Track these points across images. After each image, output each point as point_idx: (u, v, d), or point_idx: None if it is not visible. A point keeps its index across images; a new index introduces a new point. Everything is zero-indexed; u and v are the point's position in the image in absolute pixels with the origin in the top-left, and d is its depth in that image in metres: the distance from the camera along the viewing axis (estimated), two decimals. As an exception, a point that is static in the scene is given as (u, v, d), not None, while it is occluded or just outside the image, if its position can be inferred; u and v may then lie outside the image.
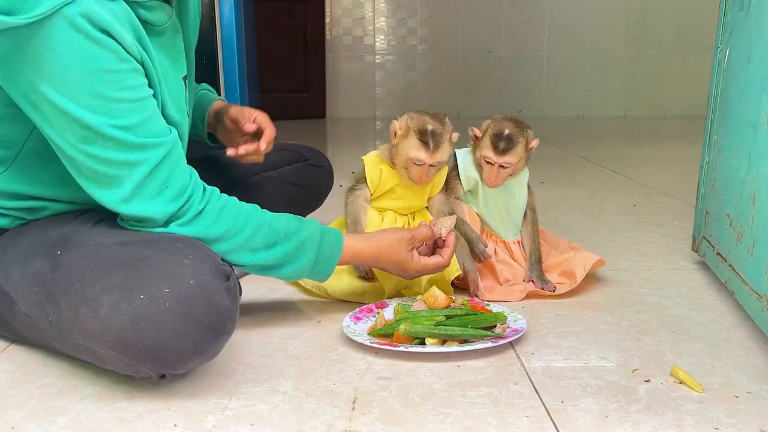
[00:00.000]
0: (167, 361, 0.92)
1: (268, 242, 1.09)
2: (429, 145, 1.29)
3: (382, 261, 1.22)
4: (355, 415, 0.92)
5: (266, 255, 1.09)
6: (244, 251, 1.08)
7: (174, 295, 0.90)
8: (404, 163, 1.32)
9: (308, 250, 1.12)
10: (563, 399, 0.97)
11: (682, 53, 4.78)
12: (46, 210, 1.10)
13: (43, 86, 0.92)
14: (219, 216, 1.06)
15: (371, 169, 1.37)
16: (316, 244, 1.13)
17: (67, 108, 0.93)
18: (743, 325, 1.23)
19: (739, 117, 1.30)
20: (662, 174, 2.73)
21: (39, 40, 0.90)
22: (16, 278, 1.03)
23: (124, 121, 0.96)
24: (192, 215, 1.04)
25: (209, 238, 1.05)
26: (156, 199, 1.01)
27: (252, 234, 1.08)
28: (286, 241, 1.10)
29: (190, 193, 1.04)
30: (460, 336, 1.12)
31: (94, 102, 0.94)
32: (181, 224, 1.04)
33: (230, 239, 1.07)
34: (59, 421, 0.91)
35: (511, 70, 4.81)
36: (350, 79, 4.79)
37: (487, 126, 1.40)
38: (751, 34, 1.26)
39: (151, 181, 1.00)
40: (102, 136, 0.95)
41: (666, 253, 1.67)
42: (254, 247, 1.08)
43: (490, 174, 1.39)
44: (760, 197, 1.15)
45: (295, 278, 1.16)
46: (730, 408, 0.95)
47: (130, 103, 0.97)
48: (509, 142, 1.36)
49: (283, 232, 1.11)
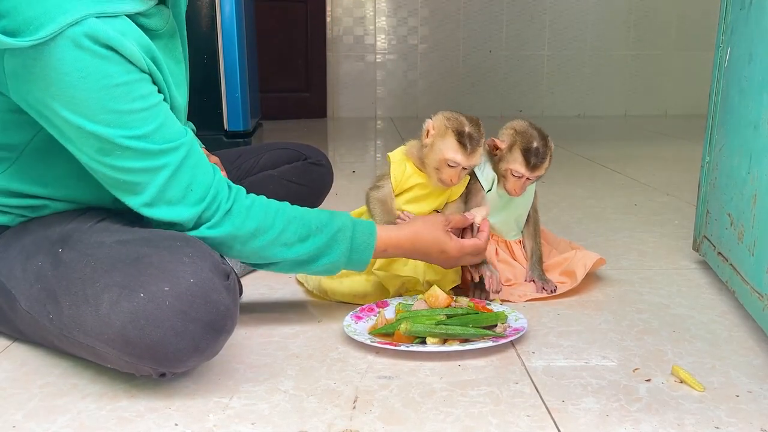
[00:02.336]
0: (167, 360, 0.92)
1: (300, 235, 1.10)
2: (467, 147, 1.26)
3: (419, 245, 1.20)
4: (356, 414, 0.92)
5: (300, 248, 1.10)
6: (278, 246, 1.09)
7: (174, 294, 0.90)
8: (437, 164, 1.29)
9: (342, 241, 1.13)
10: (564, 398, 0.97)
11: (683, 53, 4.78)
12: (47, 208, 1.11)
13: (54, 104, 0.93)
14: (248, 214, 1.07)
15: (397, 166, 1.35)
16: (348, 234, 1.13)
17: (80, 124, 0.94)
18: (744, 325, 1.23)
19: (740, 116, 1.30)
20: (663, 173, 2.73)
21: (45, 60, 0.90)
22: (17, 275, 1.03)
23: (140, 130, 0.97)
24: (221, 216, 1.05)
25: (242, 236, 1.06)
26: (181, 202, 1.02)
27: (283, 228, 1.09)
28: (318, 234, 1.11)
29: (214, 193, 1.05)
30: (461, 335, 1.12)
31: (108, 116, 0.94)
32: (211, 226, 1.05)
33: (262, 235, 1.07)
34: (60, 420, 0.91)
35: (512, 69, 4.80)
36: (351, 78, 4.79)
37: (513, 138, 1.36)
38: (752, 33, 1.26)
39: (174, 185, 1.01)
40: (119, 147, 0.96)
41: (667, 253, 1.67)
42: (287, 241, 1.09)
43: (516, 185, 1.37)
44: (761, 196, 1.15)
45: (332, 271, 1.16)
46: (730, 407, 0.95)
47: (143, 112, 0.97)
48: (541, 158, 1.35)
49: (315, 225, 1.11)
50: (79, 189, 1.10)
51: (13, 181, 1.07)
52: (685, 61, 4.76)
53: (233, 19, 2.95)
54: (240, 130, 3.09)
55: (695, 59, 4.70)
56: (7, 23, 0.89)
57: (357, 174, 2.52)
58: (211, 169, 1.06)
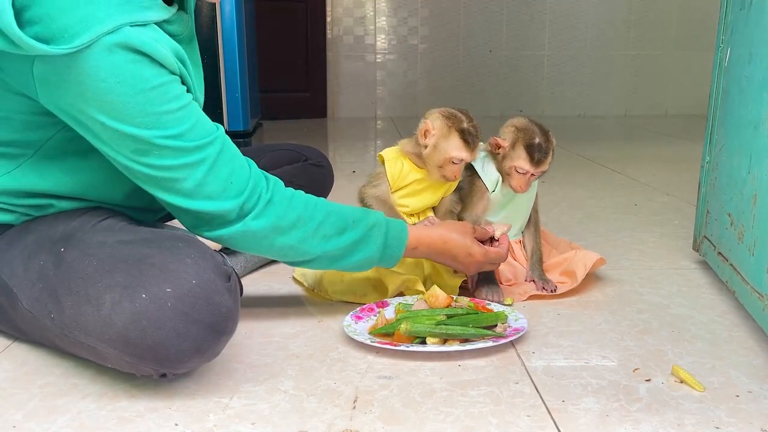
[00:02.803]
0: (168, 361, 0.92)
1: (338, 228, 1.12)
2: (470, 144, 1.31)
3: (450, 245, 1.23)
4: (356, 414, 0.92)
5: (338, 241, 1.12)
6: (317, 238, 1.10)
7: (176, 295, 0.90)
8: (441, 163, 1.32)
9: (377, 236, 1.15)
10: (564, 398, 0.97)
11: (683, 52, 4.78)
12: (53, 207, 1.11)
13: (90, 109, 0.94)
14: (290, 204, 1.09)
15: (392, 164, 1.36)
16: (383, 229, 1.16)
17: (118, 127, 0.95)
18: (744, 325, 1.23)
19: (740, 116, 1.30)
20: (663, 173, 2.73)
21: (80, 68, 0.90)
22: (19, 274, 1.03)
23: (175, 129, 0.98)
24: (263, 206, 1.06)
25: (284, 226, 1.08)
26: (222, 195, 1.03)
27: (323, 219, 1.10)
28: (354, 227, 1.13)
29: (253, 184, 1.06)
30: (461, 335, 1.12)
31: (145, 119, 0.95)
32: (255, 216, 1.06)
33: (303, 226, 1.09)
34: (60, 420, 0.91)
35: (512, 69, 4.80)
36: (351, 78, 4.79)
37: (515, 135, 1.37)
38: (752, 33, 1.26)
39: (213, 179, 1.02)
40: (156, 147, 0.97)
41: (667, 253, 1.67)
42: (326, 233, 1.10)
43: (520, 182, 1.38)
44: (761, 196, 1.15)
45: (366, 266, 1.18)
46: (731, 407, 0.95)
47: (177, 112, 0.98)
48: (545, 153, 1.36)
49: (351, 218, 1.13)
50: (90, 187, 1.10)
51: (23, 178, 1.07)
52: (686, 61, 4.76)
53: (233, 19, 2.95)
54: (240, 130, 3.09)
55: (695, 59, 4.70)
56: (40, 29, 0.89)
57: (357, 174, 2.52)
58: (246, 161, 1.08)
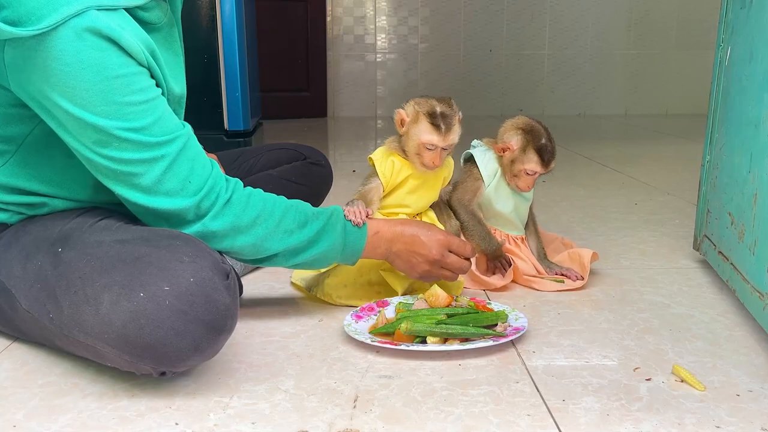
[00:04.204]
0: (167, 359, 0.92)
1: (299, 222, 1.12)
2: (440, 127, 1.28)
3: (410, 225, 1.21)
4: (357, 414, 0.92)
5: (300, 235, 1.12)
6: (279, 234, 1.10)
7: (174, 293, 0.90)
8: (416, 149, 1.30)
9: (337, 223, 1.15)
10: (564, 397, 0.97)
11: (683, 51, 4.77)
12: (47, 206, 1.11)
13: (53, 95, 0.94)
14: (248, 202, 1.08)
15: (382, 162, 1.35)
16: (341, 215, 1.16)
17: (79, 115, 0.94)
18: (745, 324, 1.23)
19: (740, 115, 1.30)
20: (663, 172, 2.73)
21: (46, 51, 0.91)
22: (17, 275, 1.03)
23: (137, 123, 0.97)
24: (221, 206, 1.06)
25: (243, 225, 1.07)
26: (179, 193, 1.03)
27: (283, 215, 1.11)
28: (315, 219, 1.13)
29: (212, 183, 1.06)
30: (462, 334, 1.12)
31: (107, 108, 0.95)
32: (213, 217, 1.06)
33: (264, 223, 1.09)
34: (61, 420, 0.91)
35: (513, 68, 4.80)
36: (351, 77, 4.79)
37: (523, 138, 1.39)
38: (752, 32, 1.26)
39: (171, 176, 1.01)
40: (117, 139, 0.97)
41: (667, 252, 1.67)
42: (288, 228, 1.11)
43: (528, 182, 1.42)
44: (761, 196, 1.15)
45: (330, 257, 1.16)
46: (731, 407, 0.95)
47: (141, 105, 0.98)
48: (553, 153, 1.40)
49: (312, 212, 1.14)
50: (79, 185, 1.10)
51: (12, 175, 1.07)
52: (686, 60, 4.76)
53: (233, 19, 2.95)
54: (240, 130, 3.09)
55: (696, 58, 4.70)
56: (8, 14, 0.90)
57: (357, 173, 2.52)
58: (209, 162, 1.07)
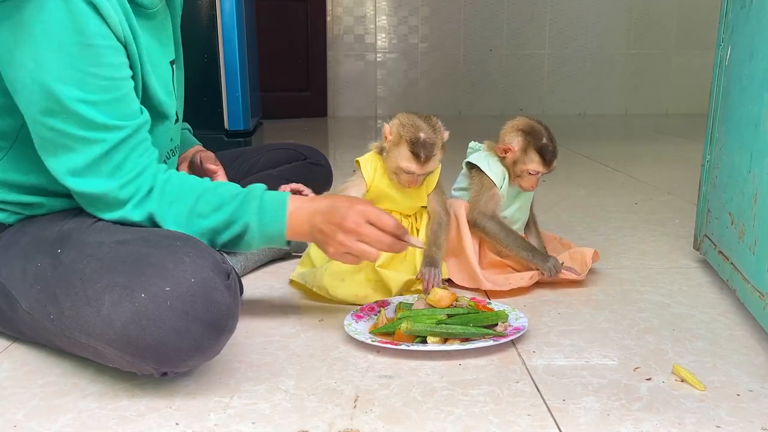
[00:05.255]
0: (169, 359, 0.92)
1: (214, 204, 1.07)
2: (420, 157, 1.28)
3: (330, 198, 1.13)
4: (357, 414, 0.92)
5: (215, 217, 1.07)
6: (194, 218, 1.06)
7: (175, 294, 0.90)
8: (394, 170, 1.32)
9: (252, 200, 1.08)
10: (565, 397, 0.97)
11: (683, 51, 4.77)
12: (44, 206, 1.11)
13: (19, 53, 0.94)
14: (163, 189, 1.05)
15: (366, 164, 1.36)
16: (258, 193, 1.09)
17: (39, 76, 0.94)
18: (745, 324, 1.23)
19: (740, 115, 1.30)
20: (664, 172, 2.73)
21: (29, 9, 0.92)
22: (17, 276, 1.03)
23: (94, 96, 0.97)
24: (142, 196, 1.04)
25: (160, 214, 1.05)
26: (109, 178, 1.01)
27: (197, 199, 1.06)
28: (232, 201, 1.08)
29: (139, 171, 1.03)
30: (462, 334, 1.12)
31: (70, 73, 0.95)
32: (135, 206, 1.03)
33: (178, 209, 1.05)
34: (61, 420, 0.91)
35: (513, 68, 4.80)
36: (351, 77, 4.79)
37: (524, 139, 1.39)
38: (752, 31, 1.26)
39: (105, 162, 1.00)
40: (66, 110, 0.96)
41: (667, 252, 1.67)
42: (201, 211, 1.06)
43: (531, 182, 1.42)
44: (761, 195, 1.15)
45: (246, 239, 1.09)
46: (731, 406, 0.95)
47: (104, 80, 0.98)
48: (555, 152, 1.40)
49: (229, 194, 1.08)
50: None
51: (8, 172, 1.07)
52: (686, 59, 4.76)
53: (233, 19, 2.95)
54: (240, 130, 3.09)
55: (696, 58, 4.70)
56: None
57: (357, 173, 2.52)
58: (150, 152, 1.05)
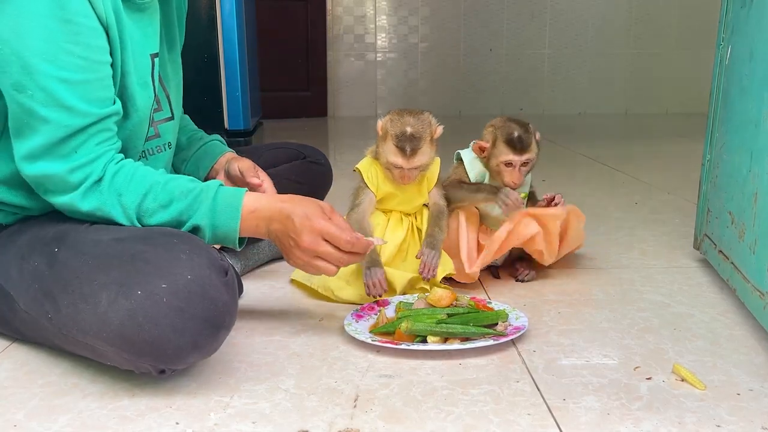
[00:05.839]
0: (166, 356, 0.92)
1: (162, 202, 1.04)
2: (406, 151, 1.28)
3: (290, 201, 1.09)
4: (357, 413, 0.92)
5: (163, 215, 1.04)
6: (142, 214, 1.03)
7: (171, 291, 0.90)
8: (385, 165, 1.33)
9: (204, 200, 1.05)
10: (565, 397, 0.97)
11: (683, 51, 4.77)
12: (34, 209, 1.11)
13: (1, 22, 0.93)
14: (112, 181, 1.02)
15: (367, 170, 1.36)
16: (211, 193, 1.05)
17: (16, 45, 0.94)
18: (745, 323, 1.23)
19: (740, 114, 1.29)
20: (664, 171, 2.73)
21: None
22: (14, 276, 1.03)
23: (66, 74, 0.96)
24: (90, 184, 1.01)
25: (108, 207, 1.02)
26: (61, 160, 0.99)
27: (145, 194, 1.03)
28: (182, 198, 1.04)
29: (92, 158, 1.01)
30: (462, 334, 1.12)
31: (44, 45, 0.94)
32: (83, 195, 1.01)
33: (126, 203, 1.02)
34: (61, 420, 0.91)
35: (513, 68, 4.80)
36: (351, 77, 4.79)
37: (493, 134, 1.40)
38: (752, 31, 1.26)
39: (62, 146, 0.99)
40: (36, 87, 0.95)
41: (667, 251, 1.67)
42: (149, 208, 1.03)
43: (512, 176, 1.40)
44: (762, 195, 1.15)
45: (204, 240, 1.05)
46: (731, 405, 0.95)
47: (79, 59, 0.97)
48: (525, 141, 1.38)
49: (179, 191, 1.05)
50: None
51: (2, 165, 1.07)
52: (686, 59, 4.76)
53: (233, 19, 2.95)
54: (240, 129, 3.09)
55: (696, 57, 4.70)
56: None
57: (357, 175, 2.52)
58: (108, 144, 1.03)
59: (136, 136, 1.14)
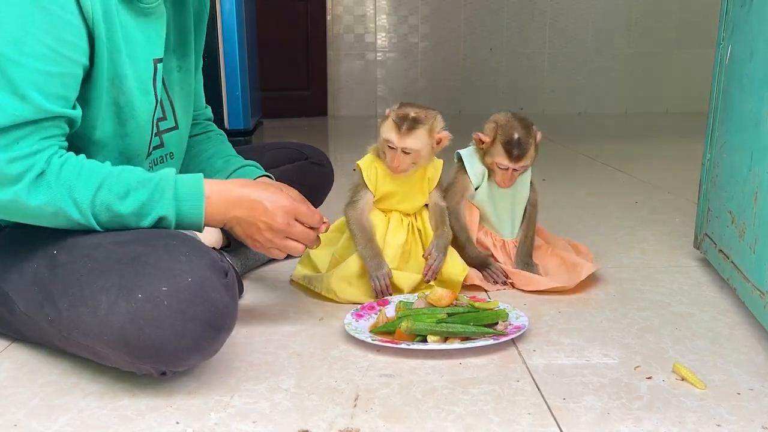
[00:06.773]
0: (167, 359, 0.92)
1: (118, 193, 1.00)
2: (401, 127, 1.28)
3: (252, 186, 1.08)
4: (357, 413, 0.92)
5: (122, 206, 1.00)
6: (97, 206, 0.99)
7: (171, 293, 0.90)
8: (382, 148, 1.32)
9: (166, 190, 1.02)
10: (565, 396, 0.97)
11: (683, 50, 4.77)
12: None
13: None
14: (59, 175, 0.97)
15: (367, 168, 1.36)
16: (171, 182, 1.03)
17: None
18: (745, 322, 1.23)
19: (741, 113, 1.29)
20: (664, 171, 2.73)
21: None
22: (14, 278, 1.03)
23: (27, 60, 0.92)
24: (32, 178, 0.95)
25: (60, 202, 0.97)
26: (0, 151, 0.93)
27: (99, 186, 0.99)
28: (140, 188, 1.01)
29: (34, 150, 0.95)
30: (462, 333, 1.12)
31: (14, 28, 0.91)
32: (28, 189, 0.95)
33: (79, 196, 0.98)
34: (61, 419, 0.91)
35: (513, 67, 4.80)
36: (352, 76, 4.79)
37: (494, 130, 1.39)
38: (752, 30, 1.26)
39: (4, 134, 0.93)
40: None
41: (668, 251, 1.67)
42: (105, 200, 0.99)
43: (504, 177, 1.40)
44: (762, 194, 1.15)
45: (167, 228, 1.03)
46: (732, 405, 0.95)
47: (46, 48, 0.93)
48: (522, 148, 1.36)
49: (135, 181, 1.01)
50: None
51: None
52: (686, 58, 4.76)
53: (233, 18, 2.95)
54: (240, 129, 3.09)
55: (696, 57, 4.70)
56: None
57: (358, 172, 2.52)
58: (55, 142, 0.98)
59: (137, 143, 1.12)
